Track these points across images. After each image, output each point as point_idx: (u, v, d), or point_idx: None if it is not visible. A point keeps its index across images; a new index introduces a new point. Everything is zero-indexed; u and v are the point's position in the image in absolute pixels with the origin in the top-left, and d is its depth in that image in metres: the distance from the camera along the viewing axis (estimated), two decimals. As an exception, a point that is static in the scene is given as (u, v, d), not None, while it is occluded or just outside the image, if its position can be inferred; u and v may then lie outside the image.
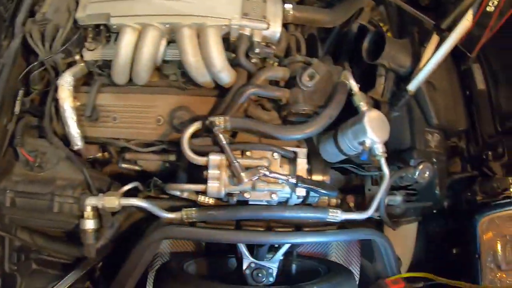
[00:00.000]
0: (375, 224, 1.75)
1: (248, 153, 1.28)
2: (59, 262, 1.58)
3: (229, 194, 1.29)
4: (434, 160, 1.64)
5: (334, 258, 2.08)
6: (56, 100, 1.45)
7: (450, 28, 1.50)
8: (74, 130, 1.43)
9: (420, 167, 1.56)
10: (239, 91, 1.31)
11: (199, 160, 1.24)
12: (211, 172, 1.23)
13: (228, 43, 1.39)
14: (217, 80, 1.35)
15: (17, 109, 1.47)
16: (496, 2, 1.41)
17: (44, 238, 1.50)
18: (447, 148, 1.83)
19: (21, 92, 1.49)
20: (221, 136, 1.20)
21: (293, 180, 1.24)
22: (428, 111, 1.64)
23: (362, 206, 1.67)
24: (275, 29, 1.34)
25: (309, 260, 1.88)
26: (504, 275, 1.62)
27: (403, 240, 1.89)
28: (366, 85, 1.65)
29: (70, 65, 1.50)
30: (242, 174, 1.19)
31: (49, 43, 1.47)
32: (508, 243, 1.62)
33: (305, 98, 1.34)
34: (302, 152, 1.32)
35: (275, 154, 1.30)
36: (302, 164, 1.31)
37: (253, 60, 1.36)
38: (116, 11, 1.32)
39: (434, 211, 1.81)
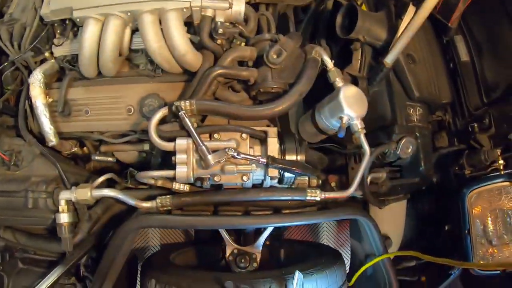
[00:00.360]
0: (362, 204, 1.75)
1: (216, 136, 1.28)
2: (45, 259, 1.59)
3: (200, 179, 1.29)
4: (417, 134, 1.62)
5: (325, 241, 2.08)
6: (30, 98, 1.46)
7: (426, -3, 1.47)
8: (47, 127, 1.44)
9: (402, 142, 1.55)
10: (205, 74, 1.30)
11: (166, 145, 1.24)
12: (179, 157, 1.23)
13: (194, 28, 1.38)
14: (182, 65, 1.35)
15: (-10, 111, 1.49)
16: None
17: (27, 237, 1.51)
18: (432, 122, 1.81)
19: (-8, 93, 1.50)
20: (186, 119, 1.20)
21: (264, 160, 1.22)
22: (408, 84, 1.62)
23: (346, 186, 1.65)
24: (239, 8, 1.33)
25: (298, 244, 1.88)
26: (495, 250, 1.60)
27: (393, 218, 1.88)
28: (346, 62, 1.64)
29: (42, 62, 1.52)
30: (209, 157, 1.18)
31: (17, 42, 1.48)
32: (498, 217, 1.60)
33: (274, 76, 1.32)
34: (273, 131, 1.31)
35: (244, 135, 1.29)
36: (273, 144, 1.29)
37: (218, 42, 1.34)
38: (78, 4, 1.32)
39: (423, 188, 1.79)
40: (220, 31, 1.28)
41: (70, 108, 1.49)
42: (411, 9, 1.54)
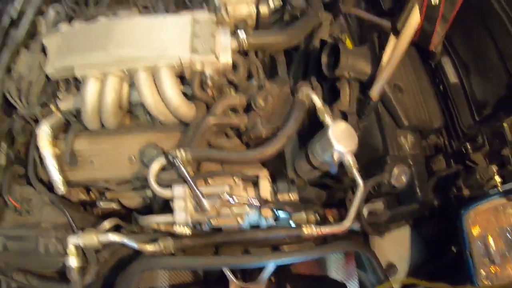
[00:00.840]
0: (362, 234, 1.82)
1: (210, 181, 1.40)
2: (56, 302, 1.72)
3: (198, 222, 1.41)
4: (410, 162, 1.71)
5: (333, 273, 2.15)
6: (38, 149, 1.61)
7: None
8: (55, 176, 1.59)
9: (395, 171, 1.64)
10: (198, 124, 1.44)
11: (165, 193, 1.37)
12: (177, 203, 1.36)
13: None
14: (177, 116, 1.50)
15: (2, 162, 1.65)
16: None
17: (39, 279, 1.63)
18: (427, 147, 1.89)
19: (4, 145, 1.67)
20: (182, 168, 1.33)
21: (256, 202, 1.34)
22: (396, 114, 1.72)
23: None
24: (225, 60, 1.48)
25: (304, 278, 1.96)
26: (498, 269, 1.62)
27: (397, 246, 1.94)
28: (338, 96, 1.75)
29: (48, 114, 1.68)
30: (204, 202, 1.31)
31: (25, 98, 1.66)
32: (499, 234, 1.62)
33: (263, 121, 1.46)
34: (264, 174, 1.44)
35: (237, 179, 1.41)
36: (265, 186, 1.42)
37: (209, 92, 1.49)
38: (78, 63, 1.48)
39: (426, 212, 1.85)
40: (209, 83, 1.43)
41: (76, 159, 1.64)
42: (392, 39, 1.61)
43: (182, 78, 1.54)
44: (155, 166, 1.39)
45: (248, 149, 1.52)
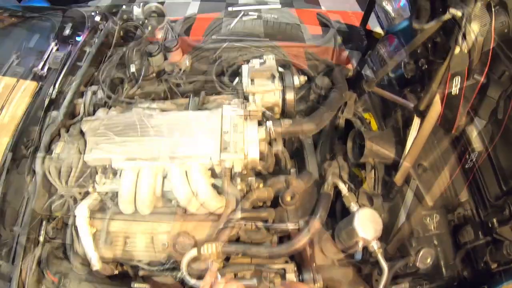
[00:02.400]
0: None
1: (239, 274, 1.58)
2: None
3: (227, 312, 1.59)
4: (435, 242, 1.82)
5: None
6: (76, 227, 1.83)
7: (428, 108, 1.67)
8: (91, 253, 1.79)
9: (420, 254, 1.77)
10: (229, 218, 1.63)
11: (197, 284, 1.55)
12: (208, 294, 1.53)
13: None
14: (208, 209, 1.69)
15: (42, 238, 1.86)
16: (458, 84, 1.55)
17: None
18: (453, 220, 2.00)
19: (44, 223, 1.88)
20: (211, 263, 1.51)
21: (283, 295, 1.51)
22: (421, 194, 1.84)
23: (373, 297, 1.87)
24: (254, 156, 1.67)
25: None
26: None
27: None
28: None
29: (86, 194, 1.90)
30: (233, 296, 1.48)
31: (65, 179, 1.88)
32: (532, 315, 1.67)
33: (289, 216, 1.64)
34: (290, 267, 1.61)
35: (264, 272, 1.58)
36: (291, 279, 1.58)
37: (239, 187, 1.68)
38: (116, 157, 1.70)
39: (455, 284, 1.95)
40: (238, 180, 1.62)
41: (111, 238, 1.85)
42: (415, 120, 1.76)
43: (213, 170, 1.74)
44: (187, 258, 1.58)
45: (276, 245, 1.69)
